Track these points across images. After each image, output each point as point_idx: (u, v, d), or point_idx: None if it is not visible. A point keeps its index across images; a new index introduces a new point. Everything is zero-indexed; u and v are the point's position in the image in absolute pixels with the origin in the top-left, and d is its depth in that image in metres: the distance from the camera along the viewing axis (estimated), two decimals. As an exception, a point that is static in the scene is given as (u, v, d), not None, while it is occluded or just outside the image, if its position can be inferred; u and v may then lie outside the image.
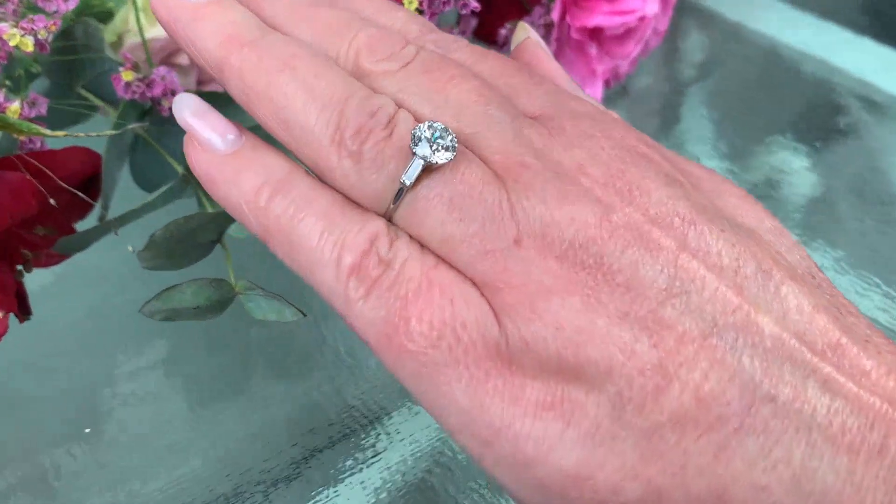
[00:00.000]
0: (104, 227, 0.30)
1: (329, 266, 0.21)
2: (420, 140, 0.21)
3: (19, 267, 0.30)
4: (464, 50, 0.25)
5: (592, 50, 0.39)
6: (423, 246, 0.21)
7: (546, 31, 0.39)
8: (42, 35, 0.29)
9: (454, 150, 0.21)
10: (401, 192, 0.21)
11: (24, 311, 0.30)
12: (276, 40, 0.23)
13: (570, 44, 0.39)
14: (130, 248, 0.27)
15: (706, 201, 0.22)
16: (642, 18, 0.39)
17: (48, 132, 0.29)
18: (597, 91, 0.40)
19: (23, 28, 0.29)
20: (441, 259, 0.21)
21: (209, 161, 0.23)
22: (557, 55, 0.39)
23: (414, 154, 0.21)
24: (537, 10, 0.38)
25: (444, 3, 0.30)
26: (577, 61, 0.40)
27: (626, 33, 0.39)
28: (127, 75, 0.31)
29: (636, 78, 0.49)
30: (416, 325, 0.20)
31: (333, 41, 0.24)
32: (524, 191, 0.21)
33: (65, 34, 0.32)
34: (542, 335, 0.19)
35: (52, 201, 0.28)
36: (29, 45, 0.29)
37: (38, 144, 0.31)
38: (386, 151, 0.21)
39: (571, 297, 0.20)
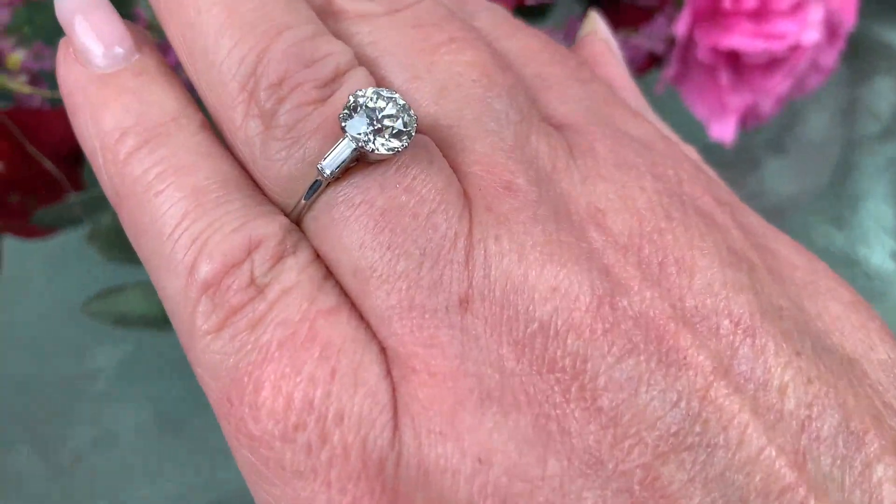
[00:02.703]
0: (77, 206, 0.26)
1: (178, 271, 0.14)
2: (357, 111, 0.14)
3: None
4: (494, 16, 0.18)
5: (725, 78, 0.31)
6: (328, 273, 0.15)
7: (667, 47, 0.31)
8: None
9: (407, 140, 0.14)
10: (316, 186, 0.14)
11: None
12: None
13: (696, 66, 0.32)
14: None
15: (787, 301, 0.15)
16: (795, 47, 0.31)
17: (37, 90, 0.26)
18: (727, 130, 0.33)
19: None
20: (347, 300, 0.14)
21: (77, 79, 0.16)
22: (679, 78, 0.32)
23: (344, 131, 0.14)
24: (659, 20, 0.31)
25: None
26: (705, 89, 0.32)
27: (772, 63, 0.31)
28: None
29: (798, 129, 0.41)
30: (269, 399, 0.13)
31: None
32: (496, 227, 0.14)
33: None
34: (452, 466, 0.13)
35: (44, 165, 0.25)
36: None
37: (38, 102, 0.27)
38: (310, 120, 0.15)
39: (519, 414, 0.13)
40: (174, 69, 0.17)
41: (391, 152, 0.14)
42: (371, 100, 0.14)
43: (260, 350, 0.14)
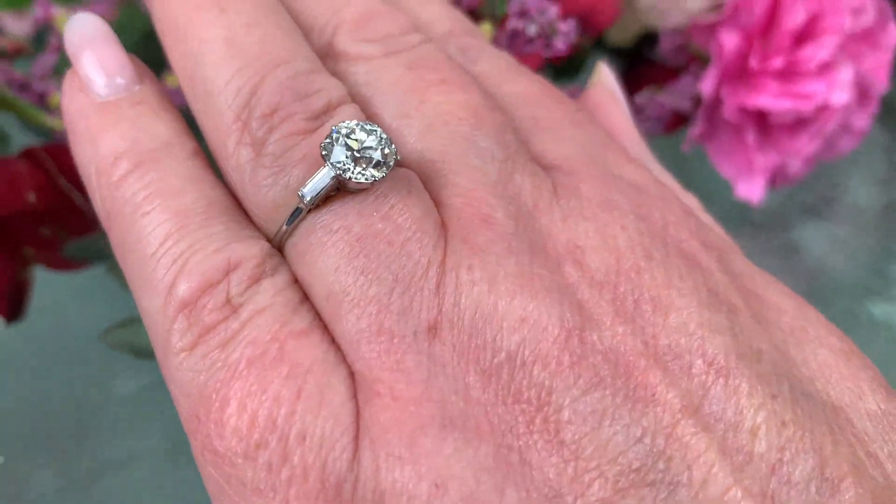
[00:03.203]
0: (104, 240, 0.27)
1: (158, 290, 0.15)
2: (338, 141, 0.15)
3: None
4: (496, 61, 0.19)
5: (751, 137, 0.31)
6: (304, 298, 0.15)
7: (694, 105, 0.31)
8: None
9: (385, 170, 0.15)
10: (297, 213, 0.15)
11: (13, 312, 0.27)
12: None
13: (723, 125, 0.32)
14: None
15: (768, 346, 0.15)
16: (823, 108, 0.30)
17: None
18: (755, 190, 0.32)
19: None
20: (320, 324, 0.15)
21: (79, 107, 0.17)
22: (706, 137, 0.32)
23: (325, 160, 0.15)
24: (685, 78, 0.31)
25: (526, 42, 0.24)
26: (732, 148, 0.32)
27: (799, 123, 0.31)
28: (172, 80, 0.28)
29: (836, 193, 0.40)
30: (234, 416, 0.14)
31: (317, 5, 0.18)
32: (470, 257, 0.14)
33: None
34: (408, 490, 0.13)
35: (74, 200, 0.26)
36: None
37: (76, 140, 0.28)
38: (297, 150, 0.15)
39: (480, 443, 0.13)
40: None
41: (369, 181, 0.15)
42: (353, 131, 0.15)
43: (229, 367, 0.14)
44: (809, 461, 0.13)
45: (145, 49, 0.25)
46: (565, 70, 0.38)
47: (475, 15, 0.25)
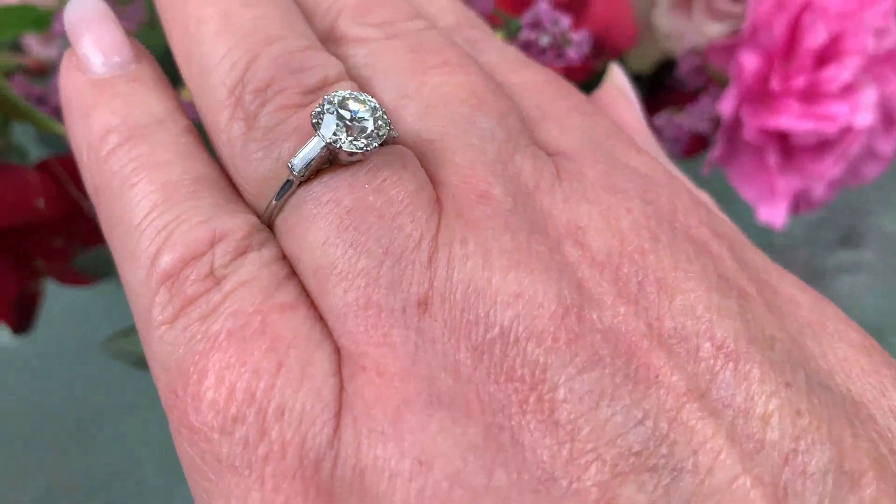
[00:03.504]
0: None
1: (141, 261, 0.14)
2: (329, 111, 0.14)
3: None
4: (502, 52, 0.19)
5: (773, 160, 0.31)
6: (291, 273, 0.14)
7: (713, 127, 0.31)
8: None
9: (377, 141, 0.14)
10: (287, 186, 0.14)
11: (22, 324, 0.27)
12: None
13: (744, 147, 0.31)
14: None
15: (783, 334, 0.14)
16: (847, 130, 0.30)
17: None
18: (778, 214, 0.32)
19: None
20: (307, 299, 0.14)
21: (75, 84, 0.17)
22: (726, 159, 0.31)
23: (315, 129, 0.14)
24: (704, 100, 0.31)
25: (539, 53, 0.24)
26: (753, 171, 0.31)
27: (822, 146, 0.30)
28: (186, 94, 0.28)
29: (868, 221, 0.39)
30: (211, 389, 0.13)
31: None
32: (463, 230, 0.14)
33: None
34: (390, 467, 0.12)
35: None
36: None
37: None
38: (288, 123, 0.15)
39: (469, 421, 0.12)
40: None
41: (360, 150, 0.14)
42: (345, 101, 0.14)
43: (208, 339, 0.13)
44: (826, 452, 0.12)
45: (163, 66, 0.26)
46: (586, 91, 0.38)
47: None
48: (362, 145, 0.14)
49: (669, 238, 0.15)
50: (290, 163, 0.14)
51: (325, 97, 0.15)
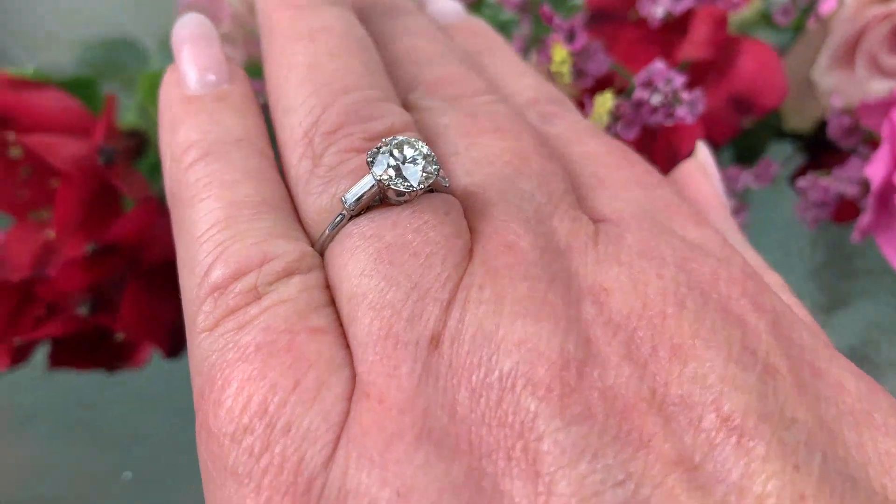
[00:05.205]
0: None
1: (196, 271, 0.16)
2: (384, 151, 0.15)
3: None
4: (570, 126, 0.19)
5: (931, 228, 0.28)
6: (330, 301, 0.15)
7: (862, 191, 0.29)
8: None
9: (424, 182, 0.15)
10: (339, 219, 0.16)
11: (174, 349, 0.30)
12: (324, 8, 0.19)
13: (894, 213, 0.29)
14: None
15: (809, 417, 0.13)
16: None
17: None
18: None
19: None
20: (338, 327, 0.15)
21: (171, 97, 0.19)
22: (876, 227, 0.29)
23: (369, 167, 0.15)
24: (853, 161, 0.29)
25: (652, 111, 0.24)
26: (909, 240, 0.29)
27: None
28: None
29: None
30: (230, 397, 0.14)
31: (407, 69, 0.19)
32: (483, 277, 0.14)
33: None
34: (371, 493, 0.13)
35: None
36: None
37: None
38: (348, 163, 0.16)
39: (454, 460, 0.13)
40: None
41: (408, 190, 0.15)
42: (401, 144, 0.16)
43: (238, 349, 0.14)
44: None
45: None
46: (745, 156, 0.37)
47: (601, 84, 0.26)
48: (410, 186, 0.15)
49: (698, 305, 0.14)
50: (344, 197, 0.15)
51: (384, 140, 0.16)
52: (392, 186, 0.15)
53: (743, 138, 0.36)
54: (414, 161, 0.15)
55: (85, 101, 0.31)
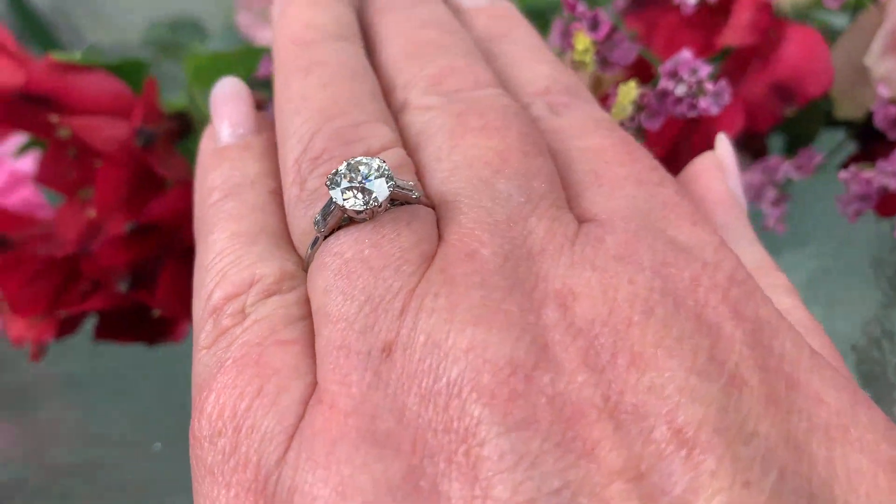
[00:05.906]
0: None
1: (201, 294, 0.17)
2: (343, 174, 0.16)
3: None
4: (578, 117, 0.19)
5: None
6: (307, 315, 0.17)
7: (906, 187, 0.28)
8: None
9: (375, 201, 0.16)
10: (316, 239, 0.17)
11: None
12: (327, 44, 0.20)
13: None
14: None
15: (773, 432, 0.13)
16: None
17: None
18: None
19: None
20: (309, 338, 0.16)
21: (206, 149, 0.21)
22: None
23: (328, 189, 0.16)
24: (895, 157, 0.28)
25: (676, 102, 0.23)
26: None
27: None
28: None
29: None
30: (210, 404, 0.15)
31: (410, 65, 0.20)
32: (439, 286, 0.15)
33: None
34: (315, 493, 0.14)
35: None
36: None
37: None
38: (325, 187, 0.17)
39: (393, 460, 0.13)
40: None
41: (366, 207, 0.16)
42: (354, 165, 0.16)
43: (221, 364, 0.16)
44: None
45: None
46: (795, 142, 0.35)
47: (637, 72, 0.25)
48: (357, 205, 0.16)
49: (668, 313, 0.14)
50: (315, 220, 0.16)
51: (345, 161, 0.16)
52: (350, 207, 0.16)
53: (793, 125, 0.35)
54: (369, 179, 0.16)
55: (134, 85, 0.32)
